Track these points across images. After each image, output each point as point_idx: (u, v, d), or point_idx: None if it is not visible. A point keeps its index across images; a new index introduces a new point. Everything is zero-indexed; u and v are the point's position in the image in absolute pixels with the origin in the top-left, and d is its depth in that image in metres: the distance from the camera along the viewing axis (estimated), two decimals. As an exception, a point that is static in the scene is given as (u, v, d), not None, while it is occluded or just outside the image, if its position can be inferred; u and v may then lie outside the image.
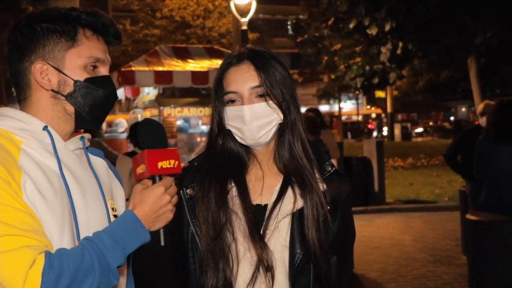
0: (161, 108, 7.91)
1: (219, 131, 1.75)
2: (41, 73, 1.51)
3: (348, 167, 10.67)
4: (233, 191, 1.70)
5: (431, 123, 40.14)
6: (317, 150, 1.79)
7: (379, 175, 10.99)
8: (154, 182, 1.49)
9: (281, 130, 1.73)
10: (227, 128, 1.73)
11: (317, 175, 1.73)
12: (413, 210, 10.84)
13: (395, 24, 11.26)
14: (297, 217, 1.67)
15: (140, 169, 1.51)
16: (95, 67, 1.55)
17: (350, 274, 1.87)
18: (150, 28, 25.36)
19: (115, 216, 1.62)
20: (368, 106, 51.12)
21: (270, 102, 1.68)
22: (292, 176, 1.71)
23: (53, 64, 1.52)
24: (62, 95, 1.52)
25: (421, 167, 18.46)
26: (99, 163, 1.69)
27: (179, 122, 8.21)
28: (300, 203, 1.67)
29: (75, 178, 1.52)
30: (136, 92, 9.00)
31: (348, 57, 13.42)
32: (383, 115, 43.77)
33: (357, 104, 42.87)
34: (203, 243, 1.67)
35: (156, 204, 1.46)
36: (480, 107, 6.01)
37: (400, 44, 11.82)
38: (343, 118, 43.63)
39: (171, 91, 8.16)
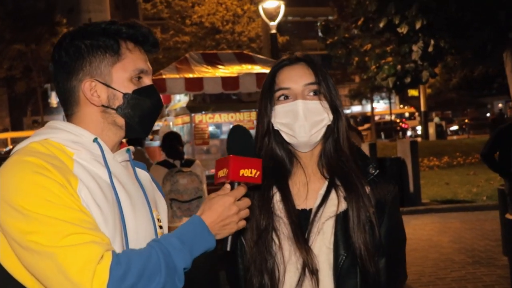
0: (192, 114, 7.95)
1: (266, 131, 1.77)
2: (90, 90, 1.52)
3: (382, 168, 10.53)
4: (277, 196, 1.72)
5: (466, 120, 39.32)
6: (361, 153, 1.81)
7: (414, 176, 10.83)
8: (232, 188, 1.50)
9: (329, 133, 1.75)
10: (275, 128, 1.75)
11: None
12: (450, 210, 10.65)
13: (426, 22, 11.06)
14: (341, 219, 1.67)
15: (222, 173, 1.51)
16: (139, 78, 1.57)
17: (403, 278, 1.85)
18: (180, 35, 25.60)
19: (160, 227, 1.64)
20: (401, 105, 50.48)
21: (323, 101, 1.72)
22: (338, 178, 1.72)
23: (101, 80, 1.53)
24: (112, 108, 1.54)
25: (457, 166, 18.12)
26: (144, 175, 1.70)
27: (210, 128, 8.23)
28: (343, 206, 1.68)
29: (124, 188, 1.53)
30: (168, 100, 9.07)
31: (379, 57, 13.20)
32: (416, 114, 43.15)
33: (390, 103, 42.39)
34: (248, 249, 1.70)
35: (223, 213, 1.47)
36: None
37: (432, 41, 11.60)
38: (376, 118, 43.21)
39: (202, 97, 8.20)
